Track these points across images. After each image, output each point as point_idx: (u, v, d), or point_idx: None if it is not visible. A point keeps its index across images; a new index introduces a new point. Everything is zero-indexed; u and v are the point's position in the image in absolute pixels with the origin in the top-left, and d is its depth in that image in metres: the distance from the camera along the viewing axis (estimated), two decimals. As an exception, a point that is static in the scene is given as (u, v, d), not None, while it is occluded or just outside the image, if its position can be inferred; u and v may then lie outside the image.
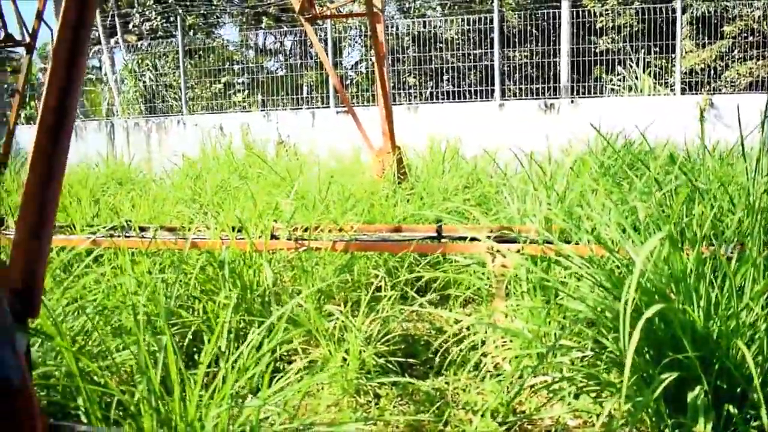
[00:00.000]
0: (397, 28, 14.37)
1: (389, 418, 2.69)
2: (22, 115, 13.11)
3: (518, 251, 3.33)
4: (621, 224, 2.96)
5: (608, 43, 14.38)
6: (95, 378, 2.23)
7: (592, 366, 2.72)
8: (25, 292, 1.51)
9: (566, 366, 2.80)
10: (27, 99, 15.07)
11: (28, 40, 8.44)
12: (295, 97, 14.35)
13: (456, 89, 13.56)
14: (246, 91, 15.60)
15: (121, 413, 2.12)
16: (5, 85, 16.20)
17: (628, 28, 14.43)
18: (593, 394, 2.69)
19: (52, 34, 13.68)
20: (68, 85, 1.58)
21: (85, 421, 2.10)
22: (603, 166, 4.76)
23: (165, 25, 18.60)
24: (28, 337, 1.57)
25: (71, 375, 2.24)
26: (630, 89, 13.14)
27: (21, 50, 10.06)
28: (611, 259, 2.95)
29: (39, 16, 8.09)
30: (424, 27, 14.13)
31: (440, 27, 14.59)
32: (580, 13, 13.28)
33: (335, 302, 3.78)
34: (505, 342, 3.20)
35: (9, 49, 10.88)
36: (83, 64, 1.62)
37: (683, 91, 11.99)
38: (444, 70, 14.32)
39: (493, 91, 12.38)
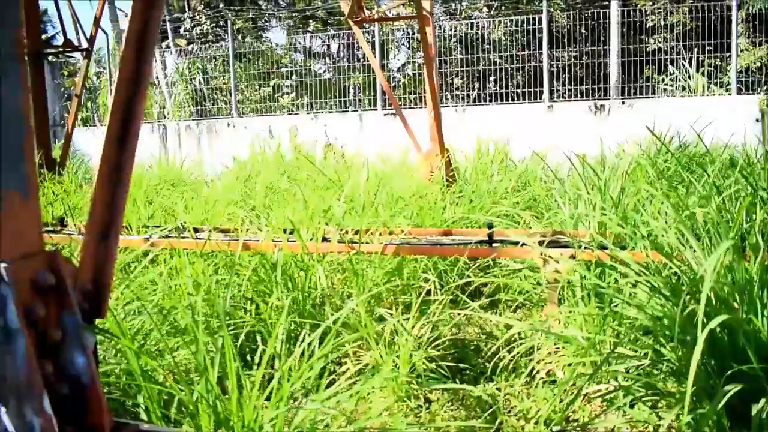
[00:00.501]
0: (444, 30, 14.31)
1: (441, 423, 2.68)
2: (79, 117, 13.50)
3: (572, 257, 3.28)
4: (679, 230, 2.89)
5: (659, 42, 14.06)
6: (154, 377, 2.28)
7: (648, 375, 2.66)
8: (94, 292, 1.56)
9: (621, 375, 2.74)
10: (83, 102, 15.51)
11: (85, 45, 8.69)
12: (341, 99, 14.43)
13: (503, 91, 13.44)
14: (293, 94, 15.77)
15: (175, 411, 2.16)
16: (62, 89, 16.74)
17: (680, 27, 14.06)
18: (650, 404, 2.63)
19: (107, 39, 14.08)
20: (134, 92, 1.62)
21: (145, 418, 2.15)
22: (659, 170, 4.64)
23: (215, 29, 18.95)
24: (95, 336, 1.61)
25: (131, 373, 2.30)
26: (683, 89, 12.82)
27: (76, 54, 10.40)
28: (668, 266, 2.88)
29: (96, 23, 8.34)
30: (471, 28, 14.04)
31: (487, 28, 14.48)
32: (630, 12, 13.02)
33: (384, 305, 3.79)
34: (557, 349, 3.15)
35: (66, 53, 11.23)
36: (149, 71, 1.66)
37: (739, 91, 11.62)
38: (490, 72, 14.21)
39: (540, 92, 12.23)
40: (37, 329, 1.40)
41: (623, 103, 11.05)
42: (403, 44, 16.89)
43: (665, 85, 13.29)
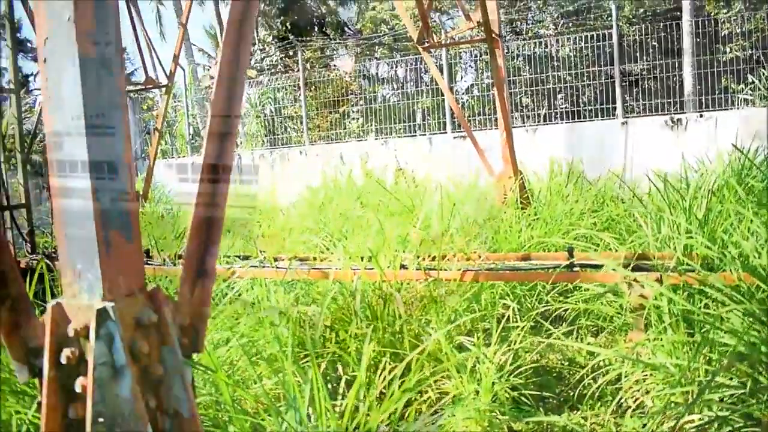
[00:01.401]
0: (510, 50, 14.23)
1: (527, 454, 2.62)
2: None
3: (658, 280, 3.17)
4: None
5: (736, 51, 13.53)
6: (243, 407, 2.33)
7: (742, 403, 2.54)
8: (192, 327, 1.62)
9: (716, 404, 2.62)
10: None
11: (165, 81, 9.09)
12: (409, 124, 14.52)
13: (573, 108, 13.21)
14: (362, 119, 15.98)
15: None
16: (143, 124, 17.53)
17: (758, 33, 13.50)
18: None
19: (184, 74, 14.68)
20: (227, 131, 1.69)
21: (235, 449, 2.20)
22: (746, 187, 4.44)
23: (283, 59, 19.48)
24: (192, 370, 1.67)
25: (219, 403, 2.36)
26: (763, 99, 12.26)
27: (154, 89, 10.91)
28: (762, 289, 2.76)
29: (175, 60, 8.72)
30: (538, 47, 13.92)
31: (554, 45, 14.32)
32: (705, 23, 12.61)
33: (462, 331, 3.75)
34: (645, 377, 3.04)
35: (148, 89, 11.80)
36: (239, 109, 1.73)
37: (825, 100, 11.05)
38: (559, 90, 14.01)
39: (612, 108, 11.95)
40: (140, 365, 1.47)
41: (701, 116, 10.67)
42: (470, 66, 16.89)
43: (745, 95, 12.76)
